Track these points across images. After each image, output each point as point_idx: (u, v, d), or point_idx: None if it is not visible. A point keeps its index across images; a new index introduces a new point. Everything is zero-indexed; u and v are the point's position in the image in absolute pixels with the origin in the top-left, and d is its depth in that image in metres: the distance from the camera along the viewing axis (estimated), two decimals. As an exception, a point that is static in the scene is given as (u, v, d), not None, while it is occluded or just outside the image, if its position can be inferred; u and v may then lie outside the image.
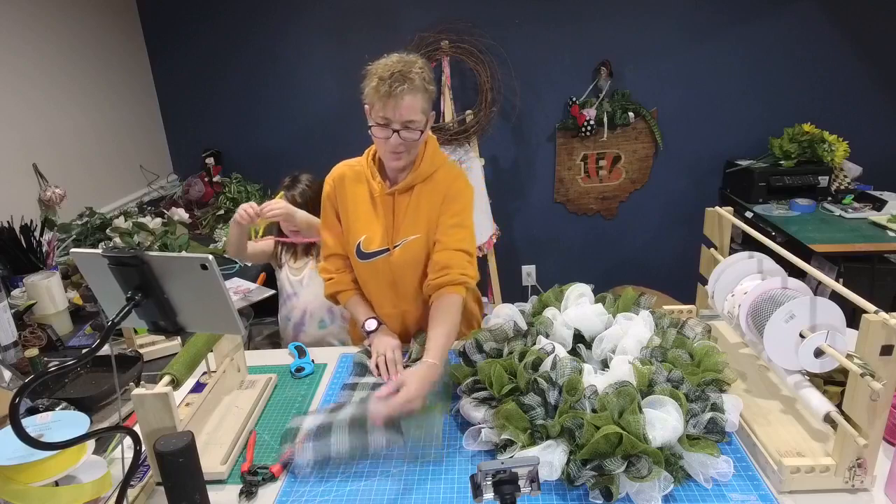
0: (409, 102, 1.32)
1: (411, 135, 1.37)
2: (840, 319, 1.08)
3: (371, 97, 1.35)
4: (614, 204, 3.42)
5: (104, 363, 1.46)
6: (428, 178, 1.49)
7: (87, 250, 0.98)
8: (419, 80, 1.33)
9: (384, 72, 1.32)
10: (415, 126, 1.36)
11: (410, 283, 1.55)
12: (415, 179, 1.47)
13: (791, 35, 3.03)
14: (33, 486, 0.95)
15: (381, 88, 1.31)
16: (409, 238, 1.49)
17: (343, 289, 1.60)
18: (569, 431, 1.05)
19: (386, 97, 1.32)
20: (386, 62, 1.35)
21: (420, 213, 1.49)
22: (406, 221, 1.49)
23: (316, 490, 1.08)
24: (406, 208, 1.49)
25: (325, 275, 1.63)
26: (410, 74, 1.32)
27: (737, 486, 1.03)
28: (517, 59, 3.11)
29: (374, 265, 1.53)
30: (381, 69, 1.33)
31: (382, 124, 1.36)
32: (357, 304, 1.60)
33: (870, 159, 3.04)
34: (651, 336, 1.26)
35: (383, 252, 1.51)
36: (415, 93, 1.33)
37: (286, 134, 3.38)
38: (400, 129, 1.35)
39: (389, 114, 1.34)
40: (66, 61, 2.68)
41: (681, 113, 3.20)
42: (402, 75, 1.31)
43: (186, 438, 0.94)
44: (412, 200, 1.49)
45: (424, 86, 1.35)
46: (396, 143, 1.37)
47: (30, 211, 2.38)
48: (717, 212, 1.49)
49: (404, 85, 1.31)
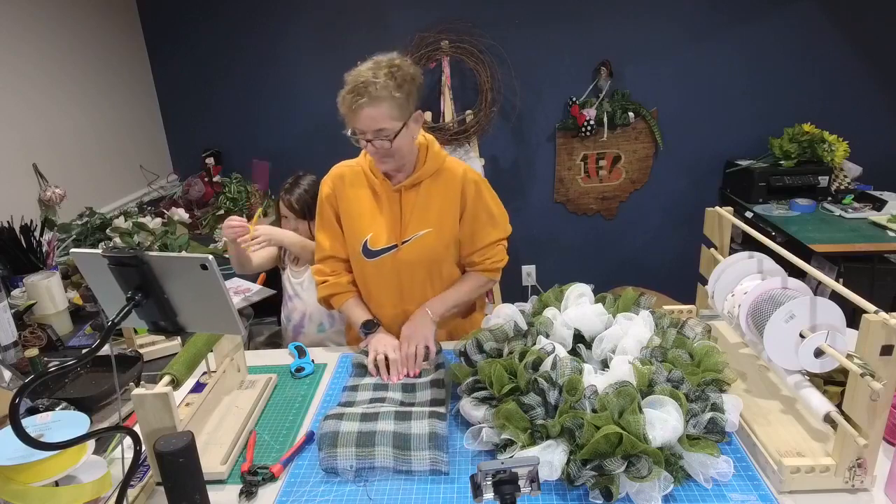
0: (368, 114, 1.33)
1: (383, 143, 1.37)
2: (840, 319, 1.08)
3: (340, 109, 1.37)
4: (614, 204, 3.42)
5: (104, 363, 1.46)
6: (434, 173, 1.50)
7: (87, 250, 0.98)
8: (379, 90, 1.31)
9: (351, 83, 1.33)
10: (385, 134, 1.36)
11: (418, 281, 1.55)
12: (421, 176, 1.48)
13: (791, 35, 3.03)
14: (33, 486, 0.95)
15: (344, 102, 1.33)
16: (420, 233, 1.50)
17: (338, 291, 1.59)
18: (569, 431, 1.05)
19: (349, 111, 1.34)
20: (356, 71, 1.35)
21: (431, 207, 1.50)
22: (415, 217, 1.50)
23: (316, 490, 1.08)
24: (414, 204, 1.50)
25: (318, 277, 1.61)
26: (370, 87, 1.30)
27: (737, 486, 1.03)
28: (517, 59, 3.11)
29: (380, 263, 1.53)
30: (351, 80, 1.33)
31: (358, 134, 1.38)
32: (354, 307, 1.59)
33: (870, 159, 3.04)
34: (651, 336, 1.26)
35: (391, 249, 1.52)
36: (376, 104, 1.32)
37: (286, 134, 3.38)
38: (372, 138, 1.36)
39: (356, 125, 1.36)
40: (66, 61, 2.68)
41: (681, 113, 3.20)
42: (363, 86, 1.30)
43: (186, 438, 0.94)
44: (420, 196, 1.50)
45: (389, 93, 1.32)
46: (373, 151, 1.40)
47: (30, 211, 2.38)
48: (717, 212, 1.49)
49: (363, 98, 1.31)
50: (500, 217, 1.58)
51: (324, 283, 1.60)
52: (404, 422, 1.16)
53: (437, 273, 1.56)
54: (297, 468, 1.14)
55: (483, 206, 1.54)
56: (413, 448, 1.10)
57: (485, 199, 1.54)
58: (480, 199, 1.53)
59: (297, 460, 1.17)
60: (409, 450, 1.10)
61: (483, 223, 1.55)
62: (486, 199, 1.55)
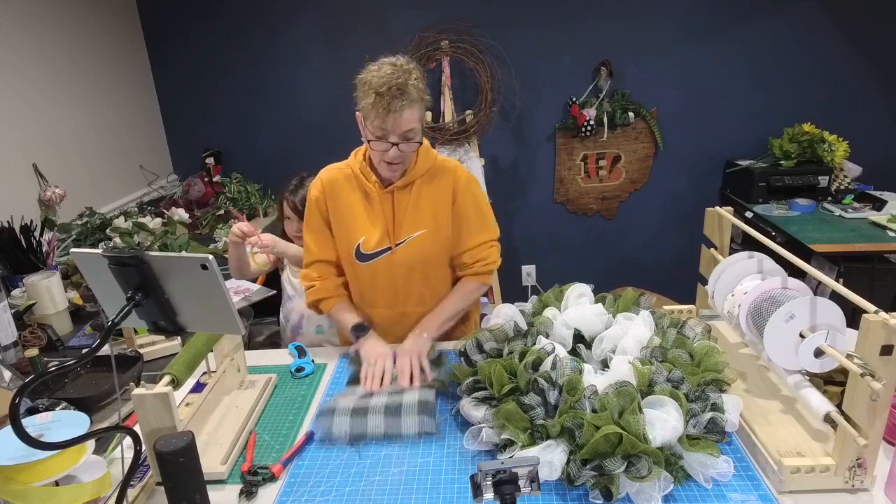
0: (407, 116, 1.32)
1: (410, 146, 1.37)
2: (840, 319, 1.08)
3: (368, 112, 1.34)
4: (614, 204, 3.42)
5: (104, 363, 1.46)
6: (426, 173, 1.49)
7: (87, 250, 0.98)
8: (416, 93, 1.32)
9: (380, 85, 1.29)
10: (413, 136, 1.36)
11: (413, 282, 1.54)
12: (413, 176, 1.47)
13: (791, 35, 3.03)
14: (33, 486, 0.95)
15: (379, 104, 1.30)
16: (414, 235, 1.49)
17: (326, 296, 1.56)
18: (569, 431, 1.05)
19: (385, 113, 1.30)
20: (380, 74, 1.31)
21: (424, 208, 1.49)
22: (408, 218, 1.49)
23: (316, 490, 1.08)
24: (407, 205, 1.49)
25: (306, 282, 1.58)
26: (407, 88, 1.30)
27: (737, 486, 1.03)
28: (517, 59, 3.11)
29: (374, 266, 1.52)
30: (377, 82, 1.30)
31: (380, 137, 1.35)
32: (343, 310, 1.55)
33: (870, 159, 3.04)
34: (651, 336, 1.26)
35: (385, 251, 1.51)
36: (413, 106, 1.32)
37: (286, 134, 3.38)
38: (399, 141, 1.35)
39: (388, 127, 1.33)
40: (66, 61, 2.68)
41: (681, 113, 3.20)
42: (400, 90, 1.29)
43: (186, 438, 0.94)
44: (413, 196, 1.49)
45: (421, 96, 1.34)
46: (395, 155, 1.37)
47: (30, 211, 2.38)
48: (717, 212, 1.49)
49: (403, 101, 1.30)
50: (490, 218, 1.57)
51: (311, 287, 1.57)
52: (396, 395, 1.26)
53: (433, 273, 1.56)
54: (297, 468, 1.14)
55: (473, 204, 1.52)
56: (403, 414, 1.20)
57: (474, 198, 1.53)
58: (470, 197, 1.52)
59: (297, 460, 1.16)
60: (399, 416, 1.20)
61: (472, 222, 1.53)
62: (476, 197, 1.53)
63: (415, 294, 1.56)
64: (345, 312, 1.55)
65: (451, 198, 1.50)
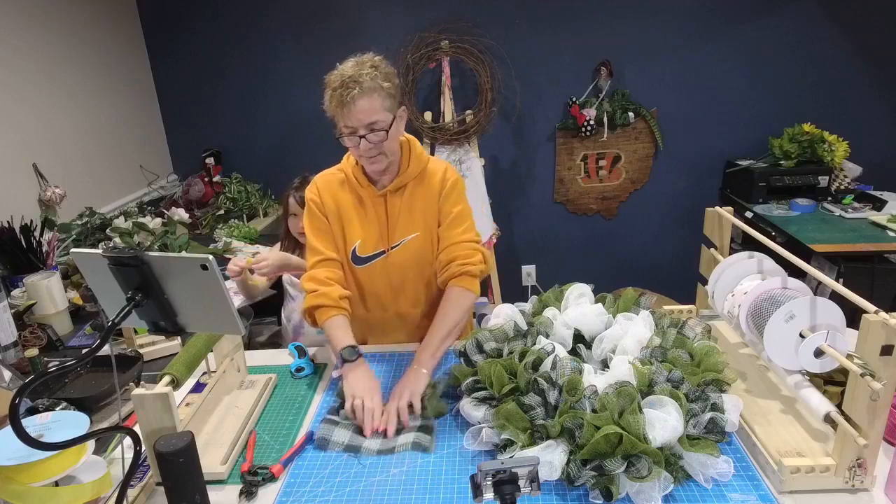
0: (362, 106, 1.31)
1: (377, 136, 1.36)
2: (840, 319, 1.08)
3: (329, 110, 1.35)
4: (614, 204, 3.42)
5: (104, 363, 1.46)
6: (418, 175, 1.49)
7: (87, 250, 0.98)
8: (369, 81, 1.31)
9: (335, 81, 1.32)
10: (379, 126, 1.35)
11: (411, 284, 1.54)
12: (405, 179, 1.47)
13: (791, 35, 3.03)
14: (33, 486, 0.95)
15: (335, 99, 1.32)
16: (408, 238, 1.49)
17: (326, 304, 1.45)
18: (569, 431, 1.05)
19: (340, 106, 1.32)
20: (338, 71, 1.34)
21: (416, 211, 1.49)
22: (402, 221, 1.49)
23: (316, 490, 1.08)
24: (400, 208, 1.49)
25: (310, 284, 1.48)
26: (360, 78, 1.30)
27: (737, 486, 1.03)
28: (517, 59, 3.11)
29: (370, 269, 1.53)
30: (333, 79, 1.33)
31: (349, 133, 1.36)
32: (338, 328, 1.43)
33: (870, 159, 3.04)
34: (651, 336, 1.26)
35: (380, 255, 1.51)
36: (368, 94, 1.31)
37: (286, 134, 3.38)
38: (365, 133, 1.35)
39: (349, 121, 1.34)
40: (66, 61, 2.68)
41: (681, 113, 3.20)
42: (352, 80, 1.30)
43: (186, 438, 0.94)
44: (405, 200, 1.49)
45: (379, 84, 1.32)
46: (367, 148, 1.37)
47: (30, 211, 2.38)
48: (717, 212, 1.49)
49: (354, 90, 1.30)
50: (470, 220, 1.52)
51: (313, 292, 1.47)
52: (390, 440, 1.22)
53: (430, 273, 1.56)
54: (297, 468, 1.14)
55: (455, 204, 1.50)
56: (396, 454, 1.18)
57: (459, 197, 1.52)
58: (453, 197, 1.50)
59: (297, 460, 1.16)
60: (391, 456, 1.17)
61: (452, 218, 1.50)
62: (460, 197, 1.52)
63: (410, 295, 1.56)
64: (339, 330, 1.43)
65: (438, 198, 1.50)
